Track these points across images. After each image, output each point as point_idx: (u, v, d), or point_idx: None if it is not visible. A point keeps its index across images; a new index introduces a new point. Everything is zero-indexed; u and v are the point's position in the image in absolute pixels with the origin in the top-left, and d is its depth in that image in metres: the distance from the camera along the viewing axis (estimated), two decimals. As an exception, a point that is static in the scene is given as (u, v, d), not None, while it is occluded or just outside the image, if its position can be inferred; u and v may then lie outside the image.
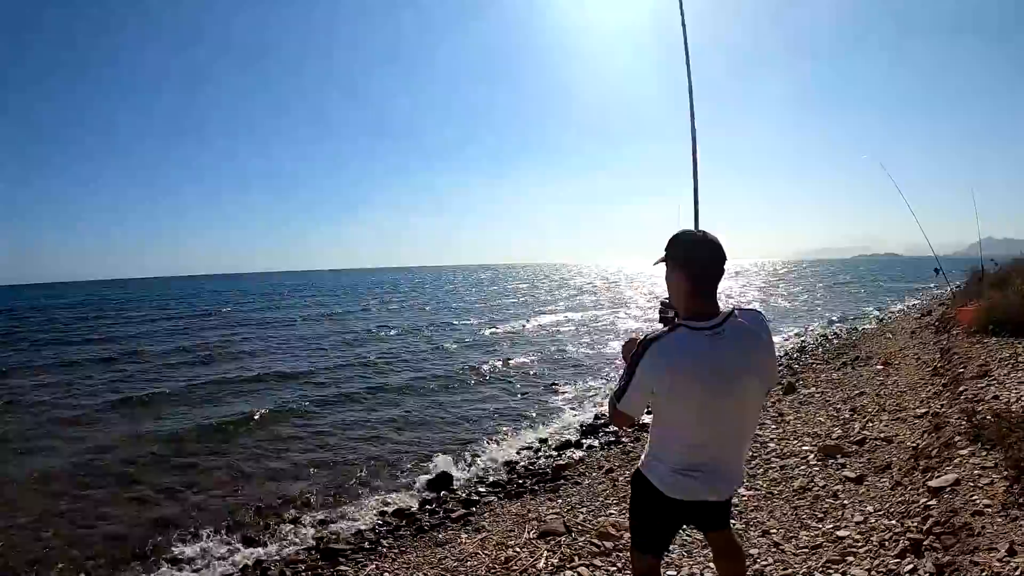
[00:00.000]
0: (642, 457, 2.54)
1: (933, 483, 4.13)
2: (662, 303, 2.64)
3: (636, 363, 2.27)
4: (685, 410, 2.26)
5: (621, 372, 2.40)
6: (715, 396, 2.20)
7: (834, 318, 25.06)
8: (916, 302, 27.60)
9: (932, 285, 35.90)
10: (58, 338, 27.92)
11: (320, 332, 27.55)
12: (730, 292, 42.79)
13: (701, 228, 2.44)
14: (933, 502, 3.94)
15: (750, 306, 2.38)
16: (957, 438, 4.74)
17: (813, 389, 9.17)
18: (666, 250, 2.36)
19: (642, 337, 2.32)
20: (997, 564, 2.91)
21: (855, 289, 46.66)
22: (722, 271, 2.28)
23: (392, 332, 26.56)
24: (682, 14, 3.51)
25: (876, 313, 25.45)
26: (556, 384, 14.45)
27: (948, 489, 3.94)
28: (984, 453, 4.23)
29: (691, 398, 2.21)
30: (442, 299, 50.80)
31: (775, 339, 2.84)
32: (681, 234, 2.36)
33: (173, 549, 6.57)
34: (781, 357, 14.94)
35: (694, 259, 2.27)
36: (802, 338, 19.07)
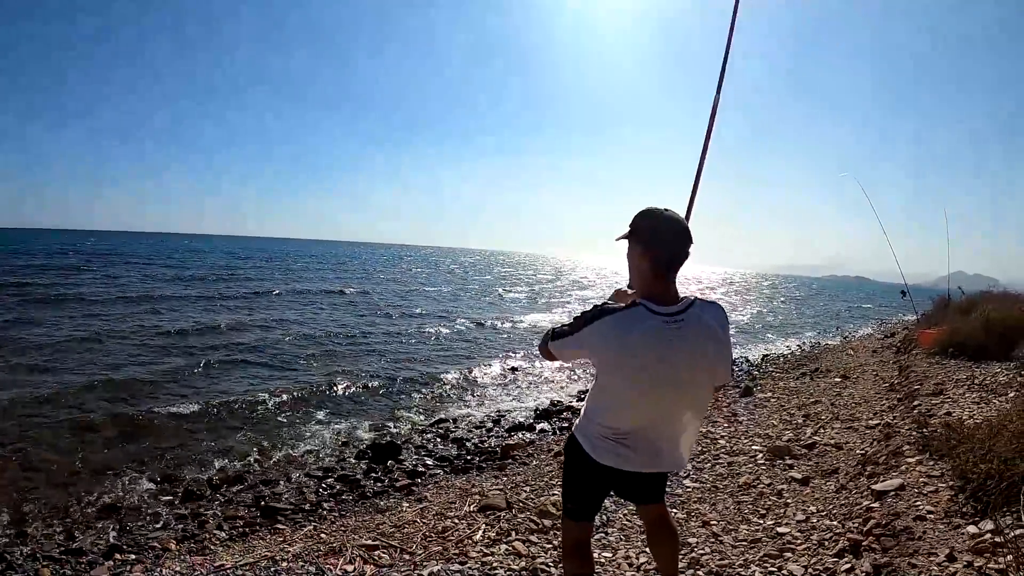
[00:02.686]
0: (576, 420, 2.46)
1: (877, 487, 4.11)
2: (617, 292, 2.52)
3: (586, 323, 2.18)
4: (626, 389, 2.18)
5: (570, 318, 2.31)
6: (659, 384, 2.12)
7: (799, 332, 25.29)
8: (881, 324, 27.92)
9: (898, 308, 36.36)
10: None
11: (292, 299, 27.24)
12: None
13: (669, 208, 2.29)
14: (876, 505, 3.91)
15: (711, 299, 2.28)
16: (906, 447, 4.74)
17: (770, 394, 9.21)
18: (630, 226, 2.26)
19: (601, 303, 2.22)
20: (935, 569, 2.87)
21: (824, 307, 47.15)
22: (687, 255, 2.19)
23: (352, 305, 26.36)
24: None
25: (841, 330, 25.76)
26: (516, 367, 14.41)
27: (892, 493, 3.92)
28: (932, 462, 4.21)
29: (634, 380, 2.14)
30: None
31: (737, 351, 2.75)
32: (648, 211, 2.24)
33: (111, 496, 6.45)
34: (742, 363, 15.03)
35: (660, 240, 2.18)
36: (766, 349, 19.15)
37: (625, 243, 2.29)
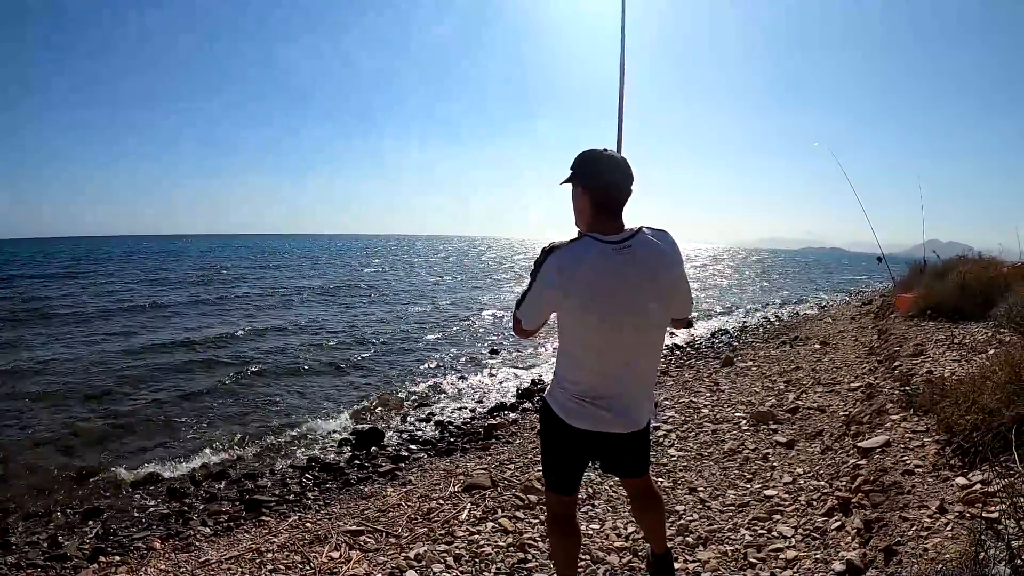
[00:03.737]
0: (548, 387, 2.42)
1: (863, 444, 4.09)
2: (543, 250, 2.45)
3: (537, 271, 2.14)
4: (584, 326, 2.15)
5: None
6: (617, 310, 2.07)
7: (777, 303, 25.45)
8: (858, 293, 28.14)
9: (874, 277, 36.66)
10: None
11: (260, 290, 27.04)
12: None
13: (609, 148, 2.28)
14: (863, 462, 3.89)
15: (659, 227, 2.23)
16: (889, 405, 4.73)
17: (751, 363, 9.22)
18: (572, 169, 2.22)
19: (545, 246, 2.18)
20: (927, 520, 2.84)
21: (800, 277, 47.52)
22: (630, 192, 2.18)
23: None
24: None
25: (819, 299, 25.97)
26: (496, 348, 14.39)
27: (878, 450, 3.89)
28: (916, 418, 4.19)
29: (589, 312, 2.09)
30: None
31: (716, 322, 2.67)
32: (588, 153, 2.22)
33: (93, 499, 6.43)
34: (721, 335, 15.08)
35: (602, 180, 2.16)
36: (744, 319, 19.23)
37: (569, 187, 2.26)
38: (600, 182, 2.15)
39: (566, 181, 2.25)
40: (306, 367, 12.33)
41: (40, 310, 19.16)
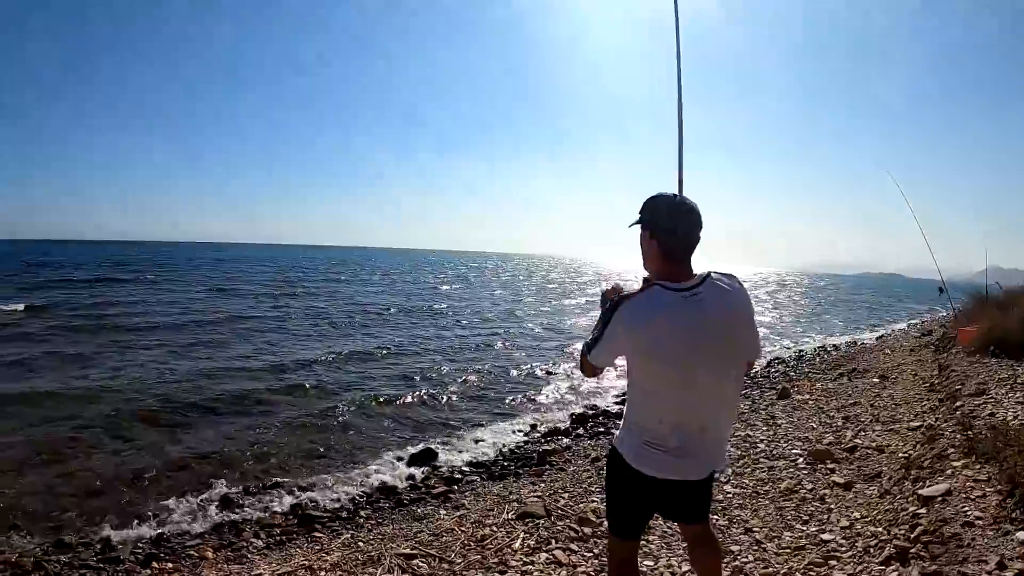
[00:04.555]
0: (616, 432, 2.43)
1: (924, 492, 4.04)
2: (603, 293, 2.45)
3: (608, 319, 2.18)
4: (659, 373, 2.16)
5: (595, 322, 2.30)
6: (691, 359, 2.09)
7: (834, 331, 24.99)
8: (917, 321, 27.44)
9: (934, 305, 35.66)
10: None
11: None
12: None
13: (682, 194, 2.32)
14: (923, 511, 3.85)
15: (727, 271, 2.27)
16: (951, 450, 4.65)
17: (807, 396, 9.09)
18: (641, 213, 2.27)
19: (615, 295, 2.24)
20: (986, 576, 2.83)
21: (857, 305, 46.46)
22: (698, 238, 2.20)
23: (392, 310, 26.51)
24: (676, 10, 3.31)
25: (876, 329, 25.42)
26: (551, 371, 14.42)
27: (939, 499, 3.85)
28: (978, 466, 4.13)
29: (665, 360, 2.11)
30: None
31: (771, 350, 2.70)
32: (658, 198, 2.25)
33: (149, 504, 6.54)
34: (777, 364, 14.88)
35: (671, 228, 2.19)
36: (800, 348, 18.93)
37: (639, 229, 2.30)
38: (669, 231, 2.18)
39: (636, 224, 2.29)
40: (365, 384, 12.51)
41: (109, 319, 19.78)
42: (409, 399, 11.44)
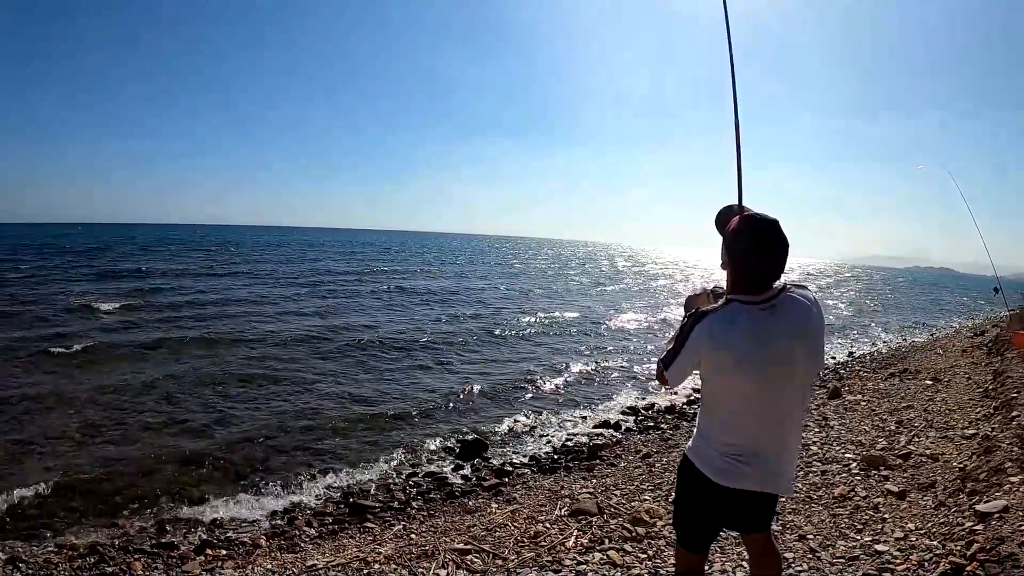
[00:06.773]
0: (689, 442, 2.43)
1: (981, 507, 4.03)
2: (688, 299, 2.52)
3: (687, 335, 2.20)
4: (736, 387, 2.18)
5: (672, 335, 2.32)
6: (767, 369, 2.12)
7: (884, 328, 24.51)
8: (968, 322, 26.70)
9: (984, 302, 34.74)
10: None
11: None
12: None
13: (761, 211, 2.25)
14: (979, 527, 3.83)
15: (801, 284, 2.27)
16: (1008, 464, 4.61)
17: (859, 396, 9.01)
18: (721, 235, 2.28)
19: (693, 310, 2.25)
20: (1043, 599, 2.84)
21: (910, 301, 45.29)
22: (782, 270, 2.17)
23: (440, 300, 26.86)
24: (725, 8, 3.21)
25: (927, 325, 24.89)
26: (603, 361, 14.49)
27: (996, 516, 3.84)
28: (1037, 483, 4.11)
29: (742, 374, 2.14)
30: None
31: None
32: (742, 222, 2.21)
33: (203, 488, 6.75)
34: (828, 361, 14.70)
35: (755, 259, 2.15)
36: (851, 345, 18.67)
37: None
38: (755, 264, 2.15)
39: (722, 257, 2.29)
40: (418, 370, 12.72)
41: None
42: (457, 386, 11.57)
